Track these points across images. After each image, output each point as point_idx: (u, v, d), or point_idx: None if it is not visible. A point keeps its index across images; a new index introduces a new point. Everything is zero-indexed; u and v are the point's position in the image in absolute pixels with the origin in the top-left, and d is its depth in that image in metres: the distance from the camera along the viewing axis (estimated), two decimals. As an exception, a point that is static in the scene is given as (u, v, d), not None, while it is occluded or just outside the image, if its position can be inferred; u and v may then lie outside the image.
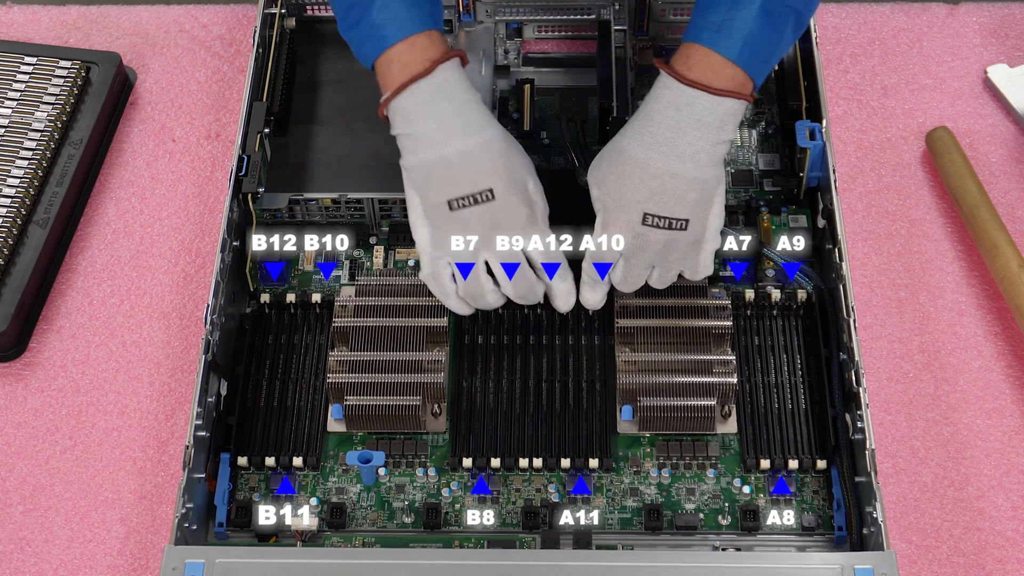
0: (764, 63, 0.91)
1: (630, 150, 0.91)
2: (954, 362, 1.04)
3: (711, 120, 0.90)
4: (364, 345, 1.00)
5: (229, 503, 0.95)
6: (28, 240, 1.08)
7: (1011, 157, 1.15)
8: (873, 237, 1.10)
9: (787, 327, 1.02)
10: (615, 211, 0.92)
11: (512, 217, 0.92)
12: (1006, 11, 1.24)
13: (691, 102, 0.89)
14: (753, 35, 0.89)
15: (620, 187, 0.92)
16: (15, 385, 1.05)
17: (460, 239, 0.92)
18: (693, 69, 0.89)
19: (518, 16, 1.18)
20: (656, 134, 0.90)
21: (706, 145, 0.90)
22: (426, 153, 0.92)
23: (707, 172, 0.91)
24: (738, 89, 0.90)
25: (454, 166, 0.91)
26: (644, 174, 0.91)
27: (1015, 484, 0.98)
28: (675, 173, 0.90)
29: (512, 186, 0.92)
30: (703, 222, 0.93)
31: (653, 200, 0.91)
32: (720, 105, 0.89)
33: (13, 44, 1.19)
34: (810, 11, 0.92)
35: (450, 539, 0.95)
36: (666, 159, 0.90)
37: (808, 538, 0.94)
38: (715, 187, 0.92)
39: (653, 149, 0.90)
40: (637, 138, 0.91)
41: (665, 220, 0.91)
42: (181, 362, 1.05)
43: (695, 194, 0.91)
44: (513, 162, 0.93)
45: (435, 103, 0.91)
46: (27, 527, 0.98)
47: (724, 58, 0.89)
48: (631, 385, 0.97)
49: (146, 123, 1.19)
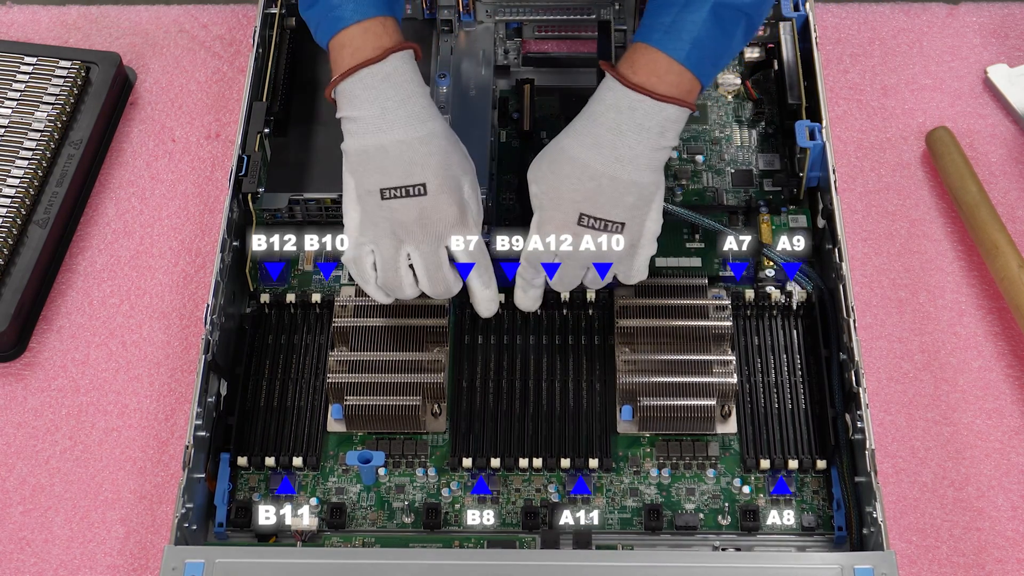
0: (712, 65, 0.91)
1: (570, 150, 0.91)
2: (954, 362, 1.04)
3: (652, 125, 0.89)
4: (364, 345, 1.00)
5: (229, 503, 0.95)
6: (28, 240, 1.08)
7: (1011, 157, 1.15)
8: (873, 237, 1.10)
9: (787, 327, 1.02)
10: (551, 210, 0.92)
11: (441, 214, 0.91)
12: (1006, 11, 1.24)
13: (633, 106, 0.89)
14: (702, 37, 0.89)
15: (558, 186, 0.92)
16: (15, 385, 1.05)
17: (387, 229, 0.92)
18: (638, 72, 0.89)
19: (518, 16, 1.17)
20: (597, 135, 0.90)
21: (646, 150, 0.90)
22: (365, 138, 0.91)
23: (645, 176, 0.91)
24: (682, 96, 0.89)
25: (391, 155, 0.91)
26: (582, 174, 0.90)
27: (1015, 484, 0.98)
28: (613, 176, 0.90)
29: (446, 184, 0.91)
30: (639, 227, 0.92)
31: (589, 201, 0.91)
32: (662, 111, 0.89)
33: (13, 44, 1.19)
34: (761, 16, 0.92)
35: (450, 539, 0.95)
36: (605, 161, 0.90)
37: (808, 538, 0.94)
38: (653, 192, 0.92)
39: (593, 150, 0.90)
40: (578, 138, 0.91)
41: (600, 222, 0.91)
42: (181, 362, 1.05)
43: (632, 198, 0.91)
44: (451, 160, 0.93)
45: (382, 91, 0.91)
46: (27, 527, 0.98)
47: (671, 62, 0.89)
48: (631, 385, 0.97)
49: (146, 123, 1.19)
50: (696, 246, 1.07)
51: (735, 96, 1.16)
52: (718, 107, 1.16)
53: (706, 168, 1.12)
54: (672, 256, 1.06)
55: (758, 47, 1.18)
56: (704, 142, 1.13)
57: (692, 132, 1.14)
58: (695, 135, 1.14)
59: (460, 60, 1.14)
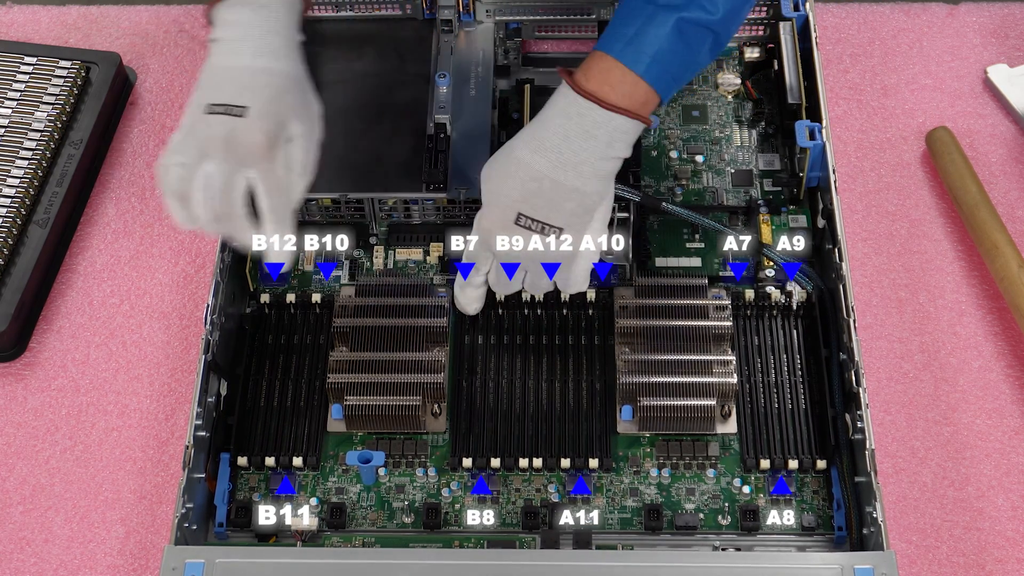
0: (674, 80, 0.90)
1: (518, 151, 0.91)
2: (954, 362, 1.04)
3: (600, 134, 0.89)
4: (364, 345, 1.00)
5: (229, 503, 0.95)
6: (28, 240, 1.08)
7: (1011, 157, 1.15)
8: (873, 237, 1.10)
9: (787, 327, 1.02)
10: (491, 207, 0.92)
11: (249, 139, 0.90)
12: (1006, 11, 1.24)
13: (582, 112, 0.89)
14: (664, 52, 0.88)
15: (501, 185, 0.92)
16: (15, 385, 1.05)
17: (198, 143, 0.90)
18: (591, 80, 0.89)
19: (518, 16, 1.18)
20: (544, 139, 0.90)
21: (591, 157, 0.90)
22: (219, 58, 0.93)
23: (589, 184, 0.90)
24: (635, 108, 0.89)
25: (230, 76, 0.92)
26: (525, 175, 0.90)
27: (1015, 484, 0.98)
28: (555, 179, 0.90)
29: (267, 114, 0.91)
30: (578, 235, 0.92)
31: (529, 202, 0.91)
32: (611, 121, 0.89)
33: (13, 44, 1.19)
34: (728, 33, 0.92)
35: (450, 539, 0.95)
36: (550, 164, 0.90)
37: (808, 538, 0.94)
38: (596, 202, 0.91)
39: (539, 153, 0.90)
40: (526, 140, 0.91)
41: (538, 224, 0.91)
42: (181, 362, 1.05)
43: (573, 204, 0.90)
44: (286, 99, 0.92)
45: (248, 19, 0.93)
46: (27, 527, 0.98)
47: (627, 72, 0.88)
48: (631, 385, 0.97)
49: (146, 123, 1.19)
50: (696, 246, 1.07)
51: (735, 96, 1.16)
52: (718, 107, 1.16)
53: (706, 168, 1.12)
54: (672, 256, 1.07)
55: (758, 47, 1.18)
56: (704, 142, 1.13)
57: (692, 132, 1.14)
58: (695, 135, 1.14)
59: (460, 60, 1.14)
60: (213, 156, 0.90)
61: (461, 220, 1.06)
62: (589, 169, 0.90)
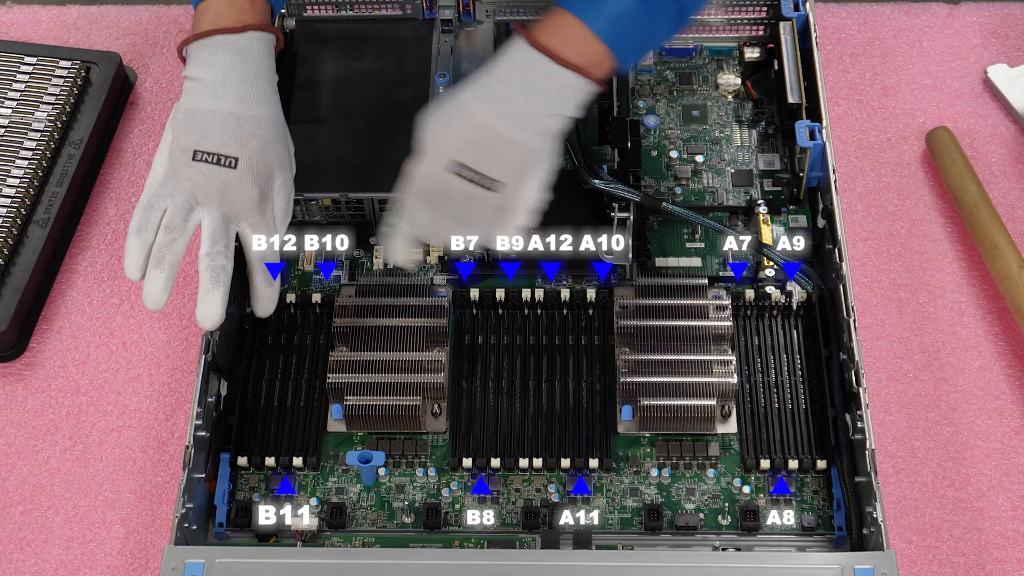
0: (633, 47, 0.89)
1: (462, 96, 0.89)
2: (954, 362, 1.04)
3: (549, 88, 0.88)
4: (364, 345, 1.00)
5: (229, 503, 0.95)
6: (28, 240, 1.08)
7: (1011, 157, 1.15)
8: (873, 237, 1.10)
9: (787, 327, 1.02)
10: (430, 153, 0.90)
11: (242, 192, 0.91)
12: (1006, 11, 1.24)
13: (532, 65, 0.88)
14: (624, 16, 0.87)
15: (441, 129, 0.90)
16: (15, 385, 1.05)
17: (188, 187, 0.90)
18: (546, 34, 0.88)
19: (518, 16, 1.17)
20: (491, 87, 0.89)
21: (537, 112, 0.88)
22: (199, 100, 0.91)
23: (531, 140, 0.88)
24: (586, 66, 0.87)
25: (216, 122, 0.91)
26: (467, 122, 0.89)
27: (1015, 484, 0.98)
28: (497, 130, 0.88)
29: (257, 167, 0.91)
30: (514, 190, 0.89)
31: (467, 150, 0.88)
32: (561, 76, 0.87)
33: (13, 44, 1.19)
34: (695, 5, 0.91)
35: (450, 539, 0.95)
36: (494, 114, 0.88)
37: (808, 538, 0.94)
38: (535, 158, 0.89)
39: (484, 101, 0.88)
40: (473, 88, 0.89)
41: (475, 174, 0.89)
42: (181, 362, 1.05)
43: (513, 157, 0.88)
44: (271, 149, 0.92)
45: (229, 61, 0.91)
46: (27, 527, 0.98)
47: (584, 29, 0.87)
48: (631, 385, 0.97)
49: (146, 123, 1.19)
50: (696, 246, 1.07)
51: (735, 96, 1.16)
52: (718, 107, 1.16)
53: (706, 168, 1.12)
54: (672, 256, 1.07)
55: (758, 47, 1.18)
56: (704, 142, 1.13)
57: (692, 132, 1.14)
58: (695, 135, 1.14)
59: (460, 60, 1.14)
60: (205, 205, 0.90)
61: (461, 220, 1.06)
62: (533, 123, 0.88)
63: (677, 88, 1.17)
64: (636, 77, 1.17)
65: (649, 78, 1.18)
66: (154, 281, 0.89)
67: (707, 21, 1.18)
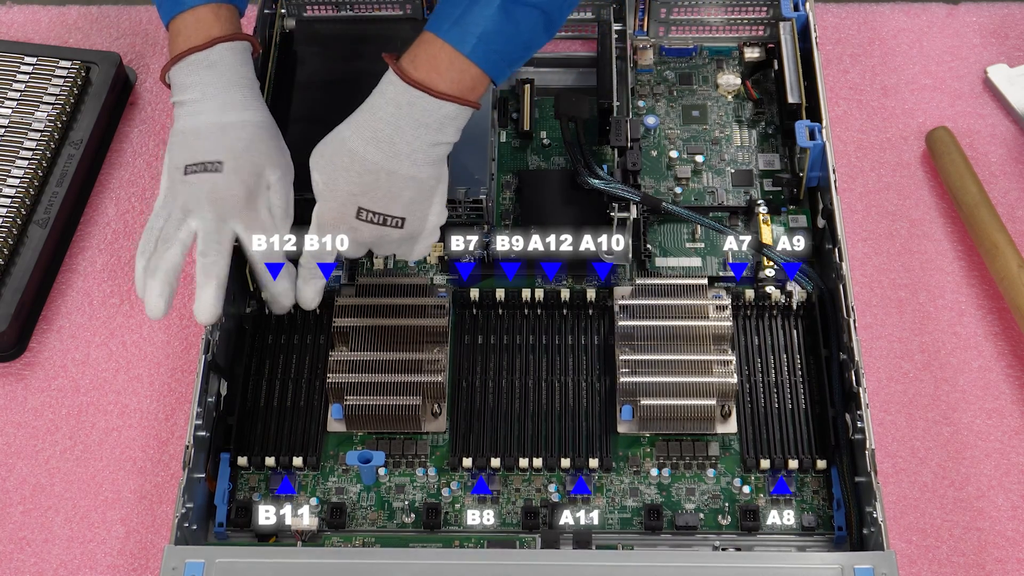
0: (505, 61, 0.90)
1: (350, 142, 0.91)
2: (954, 362, 1.04)
3: (430, 122, 0.89)
4: (364, 345, 1.00)
5: (229, 503, 0.95)
6: (28, 240, 1.08)
7: (1011, 157, 1.15)
8: (873, 237, 1.10)
9: (787, 327, 1.02)
10: (331, 201, 0.92)
11: (229, 192, 0.92)
12: (1006, 11, 1.24)
13: (412, 102, 0.89)
14: (490, 33, 0.88)
15: (336, 178, 0.91)
16: (15, 385, 1.05)
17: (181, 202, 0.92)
18: (419, 68, 0.89)
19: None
20: (376, 129, 0.90)
21: (424, 145, 0.90)
22: (185, 121, 0.94)
23: (424, 171, 0.90)
24: (463, 94, 0.89)
25: (201, 135, 0.93)
26: (360, 168, 0.90)
27: (1015, 484, 0.98)
28: (391, 171, 0.90)
29: (242, 166, 0.92)
30: (420, 221, 0.92)
31: (367, 195, 0.90)
32: (440, 108, 0.89)
33: (13, 44, 1.19)
34: (561, 11, 0.91)
35: (450, 539, 0.95)
36: (383, 156, 0.89)
37: (808, 538, 0.94)
38: (433, 187, 0.92)
39: (372, 144, 0.90)
40: (358, 131, 0.91)
41: (379, 216, 0.91)
42: (181, 362, 1.05)
43: (411, 192, 0.90)
44: (257, 148, 0.93)
45: (204, 78, 0.94)
46: (27, 527, 0.98)
47: (455, 56, 0.88)
48: (631, 385, 0.97)
49: (146, 123, 1.19)
50: (696, 246, 1.07)
51: (735, 96, 1.16)
52: (718, 107, 1.16)
53: (706, 168, 1.12)
54: (672, 256, 1.07)
55: (758, 47, 1.18)
56: (704, 142, 1.13)
57: (692, 132, 1.14)
58: (695, 135, 1.14)
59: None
60: (196, 212, 0.92)
61: (461, 220, 1.06)
62: (423, 156, 0.90)
63: (677, 88, 1.17)
64: (636, 77, 1.17)
65: (649, 78, 1.18)
66: (150, 291, 0.91)
67: (707, 21, 1.18)
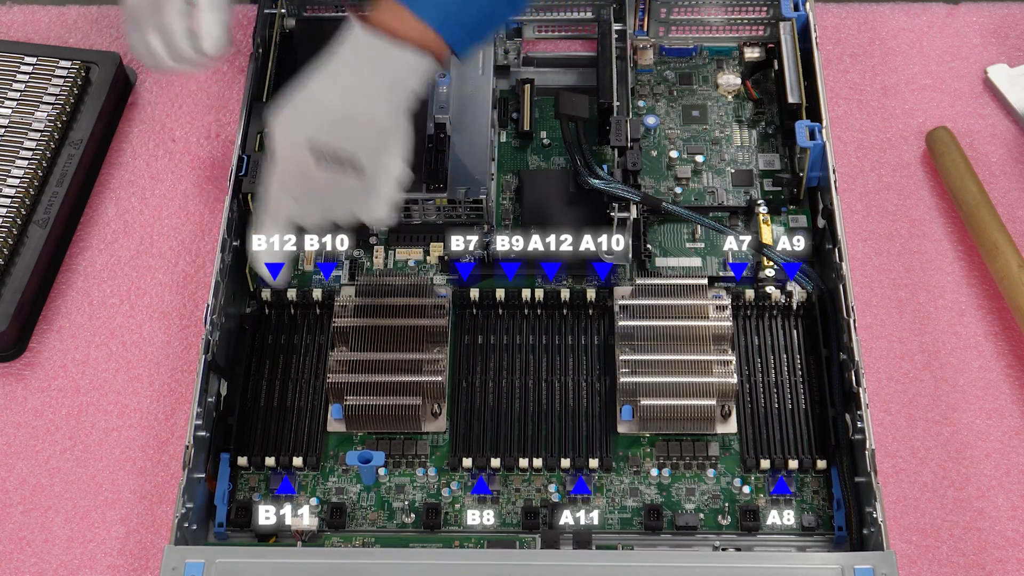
0: (465, 31, 0.90)
1: (310, 87, 0.89)
2: (954, 362, 1.04)
3: (391, 66, 0.88)
4: (364, 345, 1.00)
5: (229, 503, 0.96)
6: (28, 240, 1.08)
7: (1011, 157, 1.15)
8: (873, 237, 1.10)
9: (787, 327, 1.02)
10: (285, 146, 0.90)
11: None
12: (1006, 11, 1.24)
13: (373, 45, 0.88)
14: (450, 2, 0.88)
15: (294, 122, 0.90)
16: (15, 385, 1.05)
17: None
18: (381, 16, 0.89)
19: (518, 16, 1.17)
20: (336, 74, 0.89)
21: (383, 91, 0.89)
22: None
23: (383, 117, 0.89)
24: (424, 44, 0.88)
25: None
26: (318, 111, 0.89)
27: (1015, 484, 0.98)
28: (349, 115, 0.88)
29: None
30: (375, 167, 0.90)
31: (324, 136, 0.89)
32: (401, 54, 0.88)
33: (13, 44, 1.19)
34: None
35: (450, 539, 0.95)
36: (342, 100, 0.88)
37: (808, 538, 0.94)
38: (392, 133, 0.90)
39: (331, 88, 0.89)
40: (318, 77, 0.90)
41: (334, 157, 0.89)
42: (181, 362, 1.05)
43: (368, 136, 0.89)
44: None
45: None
46: (27, 527, 0.98)
47: (413, 17, 0.88)
48: (631, 385, 0.97)
49: (146, 123, 1.19)
50: (696, 246, 1.07)
51: (735, 96, 1.16)
52: (718, 107, 1.16)
53: (706, 168, 1.12)
54: (672, 256, 1.07)
55: (758, 47, 1.18)
56: (704, 142, 1.13)
57: (692, 132, 1.14)
58: (695, 135, 1.14)
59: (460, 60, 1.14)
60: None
61: (461, 220, 1.06)
62: (382, 101, 0.89)
63: (677, 88, 1.17)
64: (636, 77, 1.17)
65: (649, 78, 1.18)
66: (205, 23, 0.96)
67: (707, 21, 1.18)
